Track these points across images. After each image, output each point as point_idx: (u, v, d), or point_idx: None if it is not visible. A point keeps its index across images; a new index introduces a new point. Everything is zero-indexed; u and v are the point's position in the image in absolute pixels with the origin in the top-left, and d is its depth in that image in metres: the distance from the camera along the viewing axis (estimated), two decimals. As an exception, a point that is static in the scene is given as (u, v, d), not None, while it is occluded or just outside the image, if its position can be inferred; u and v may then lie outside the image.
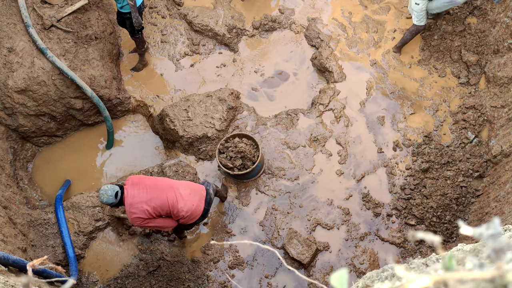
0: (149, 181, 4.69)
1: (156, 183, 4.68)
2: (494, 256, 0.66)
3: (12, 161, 5.73)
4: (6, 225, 4.73)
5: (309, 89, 6.49)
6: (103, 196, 4.53)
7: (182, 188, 4.71)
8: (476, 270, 0.67)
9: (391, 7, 6.81)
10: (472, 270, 0.68)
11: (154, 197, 4.56)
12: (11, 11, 5.62)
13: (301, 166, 5.86)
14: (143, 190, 4.59)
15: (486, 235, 0.69)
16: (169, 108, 6.02)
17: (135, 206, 4.53)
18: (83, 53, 5.87)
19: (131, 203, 4.54)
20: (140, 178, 4.73)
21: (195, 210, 4.71)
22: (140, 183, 4.65)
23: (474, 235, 0.73)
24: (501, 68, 5.71)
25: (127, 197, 4.57)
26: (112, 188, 4.56)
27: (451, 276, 0.68)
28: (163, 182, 4.72)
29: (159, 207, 4.58)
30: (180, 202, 4.61)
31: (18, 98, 5.58)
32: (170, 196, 4.60)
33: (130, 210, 4.55)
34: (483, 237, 0.70)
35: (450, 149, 5.79)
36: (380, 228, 5.56)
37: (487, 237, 0.69)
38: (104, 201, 4.54)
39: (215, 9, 6.88)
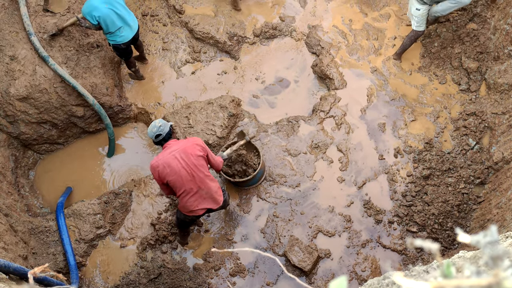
0: (193, 160, 4.47)
1: (193, 169, 4.48)
2: (491, 263, 0.66)
3: (14, 169, 5.74)
4: (7, 232, 4.73)
5: (310, 96, 6.51)
6: (150, 127, 4.49)
7: (206, 191, 4.62)
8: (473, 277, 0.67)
9: (391, 15, 6.83)
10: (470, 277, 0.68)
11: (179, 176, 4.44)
12: (13, 20, 5.66)
13: (302, 173, 5.86)
14: (182, 165, 4.43)
15: (483, 242, 0.69)
16: (170, 115, 6.04)
17: (161, 163, 4.41)
18: (84, 60, 5.90)
19: (162, 159, 4.41)
20: (193, 149, 4.51)
21: (192, 210, 4.70)
22: (189, 156, 4.45)
23: (472, 242, 0.73)
24: (502, 75, 5.72)
25: (169, 149, 4.45)
26: (159, 128, 4.46)
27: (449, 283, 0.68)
28: (197, 176, 4.53)
29: (170, 182, 4.48)
30: (188, 197, 4.59)
31: (20, 106, 5.60)
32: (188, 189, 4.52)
33: (157, 159, 4.43)
34: (481, 244, 0.70)
35: (451, 156, 5.79)
36: (381, 235, 5.55)
37: (484, 245, 0.69)
38: (148, 130, 4.53)
39: (216, 17, 6.91)
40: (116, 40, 5.66)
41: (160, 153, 4.52)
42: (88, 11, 5.34)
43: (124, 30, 5.63)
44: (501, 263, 0.63)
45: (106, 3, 5.37)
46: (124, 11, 5.58)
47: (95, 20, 5.38)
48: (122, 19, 5.55)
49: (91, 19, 5.37)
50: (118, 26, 5.54)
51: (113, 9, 5.44)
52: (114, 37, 5.63)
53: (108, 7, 5.38)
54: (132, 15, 5.74)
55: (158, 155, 4.51)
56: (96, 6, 5.31)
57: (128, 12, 5.68)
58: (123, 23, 5.58)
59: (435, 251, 0.77)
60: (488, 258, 0.67)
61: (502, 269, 0.64)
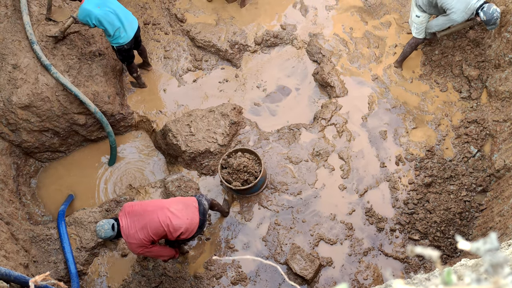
0: (139, 207, 4.67)
1: (145, 208, 4.66)
2: (491, 270, 0.66)
3: (15, 177, 5.75)
4: (8, 241, 4.73)
5: (311, 104, 6.52)
6: (101, 232, 4.51)
7: (173, 205, 4.70)
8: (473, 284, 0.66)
9: (392, 23, 6.86)
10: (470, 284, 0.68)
11: (147, 223, 4.56)
12: (16, 28, 5.69)
13: (304, 180, 5.85)
14: (135, 218, 4.59)
15: (483, 250, 0.69)
16: (172, 123, 6.05)
17: (132, 236, 4.55)
18: (86, 69, 5.93)
19: (128, 234, 4.55)
20: (131, 205, 4.71)
21: (191, 223, 4.70)
22: (132, 211, 4.64)
23: (472, 250, 0.73)
24: (503, 83, 5.73)
25: (123, 228, 4.58)
26: (107, 222, 4.55)
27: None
28: (153, 204, 4.71)
29: (153, 232, 4.56)
30: (174, 220, 4.60)
31: (22, 114, 5.62)
32: (161, 217, 4.58)
33: (128, 241, 4.57)
34: (481, 252, 0.70)
35: (453, 164, 5.78)
36: (383, 243, 5.53)
37: (484, 252, 0.69)
38: (103, 236, 4.53)
39: (217, 26, 6.95)
40: (119, 42, 5.70)
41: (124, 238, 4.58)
42: (83, 17, 5.41)
43: (123, 30, 5.64)
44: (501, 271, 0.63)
45: (98, 5, 5.41)
46: (119, 10, 5.59)
47: (92, 24, 5.45)
48: (118, 18, 5.57)
49: (89, 23, 5.42)
50: (117, 26, 5.57)
51: (107, 9, 5.47)
52: (116, 39, 5.67)
53: (100, 9, 5.41)
54: (129, 13, 5.75)
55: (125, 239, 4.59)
56: (89, 10, 5.36)
57: (124, 10, 5.69)
58: (120, 23, 5.59)
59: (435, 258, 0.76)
60: (488, 266, 0.67)
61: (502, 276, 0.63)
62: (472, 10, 5.44)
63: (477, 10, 5.41)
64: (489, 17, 5.34)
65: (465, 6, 5.42)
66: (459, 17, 5.51)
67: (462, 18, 5.53)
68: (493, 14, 5.33)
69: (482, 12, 5.36)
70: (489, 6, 5.34)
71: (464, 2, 5.41)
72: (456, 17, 5.52)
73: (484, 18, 5.36)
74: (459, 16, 5.49)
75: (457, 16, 5.50)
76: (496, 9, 5.34)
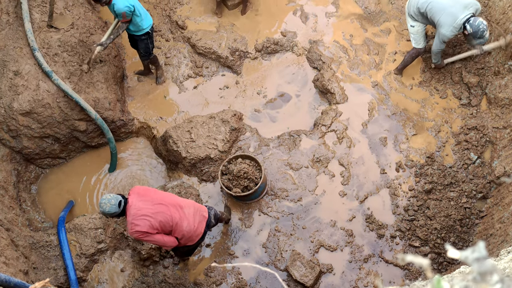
0: (155, 194, 4.56)
1: (162, 198, 4.55)
2: (479, 278, 0.67)
3: (16, 183, 5.76)
4: (8, 247, 4.73)
5: (311, 111, 6.53)
6: (106, 206, 4.30)
7: (187, 207, 4.65)
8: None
9: (391, 30, 6.89)
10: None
11: (159, 212, 4.43)
12: (18, 35, 5.73)
13: (304, 187, 5.85)
14: (149, 203, 4.44)
15: (471, 258, 0.70)
16: (172, 129, 6.07)
17: (139, 218, 4.36)
18: (88, 75, 5.95)
19: (135, 215, 4.36)
20: (146, 190, 4.59)
21: (195, 231, 4.68)
22: (146, 195, 4.50)
23: (461, 258, 0.74)
24: (502, 90, 5.74)
25: (131, 207, 4.39)
26: (115, 197, 4.36)
27: (441, 298, 0.69)
28: (169, 199, 4.61)
29: (162, 224, 4.45)
30: (184, 221, 4.56)
31: (23, 121, 5.64)
32: (175, 215, 4.51)
33: (133, 222, 4.36)
34: (469, 260, 0.71)
35: (453, 170, 5.78)
36: (384, 249, 5.51)
37: (472, 261, 0.69)
38: (106, 211, 4.33)
39: (218, 32, 6.98)
40: (149, 22, 5.97)
41: (129, 217, 4.40)
42: (125, 5, 5.53)
43: (146, 14, 5.98)
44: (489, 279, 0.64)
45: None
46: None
47: (132, 8, 5.62)
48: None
49: (129, 9, 5.59)
50: (142, 10, 5.88)
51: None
52: (146, 21, 5.92)
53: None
54: None
55: (128, 218, 4.41)
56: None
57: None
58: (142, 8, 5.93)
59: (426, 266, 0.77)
60: (476, 274, 0.67)
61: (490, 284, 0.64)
62: (460, 24, 5.48)
63: (464, 23, 5.45)
64: (475, 29, 5.38)
65: (452, 20, 5.47)
66: (448, 32, 5.55)
67: (451, 33, 5.57)
68: (478, 26, 5.36)
69: (468, 24, 5.42)
70: (475, 19, 5.41)
71: (451, 16, 5.46)
72: (445, 31, 5.56)
73: (471, 30, 5.41)
74: (447, 30, 5.54)
75: (445, 30, 5.54)
76: (482, 22, 5.37)
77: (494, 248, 4.67)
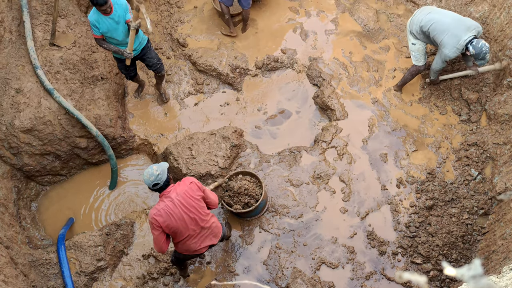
0: (195, 201, 4.40)
1: (195, 210, 4.41)
2: (475, 296, 0.67)
3: (16, 200, 5.75)
4: (8, 265, 4.70)
5: (312, 127, 6.55)
6: (146, 175, 4.24)
7: (208, 230, 4.62)
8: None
9: (390, 47, 6.95)
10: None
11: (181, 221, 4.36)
12: (20, 53, 5.78)
13: (305, 203, 5.83)
14: (181, 207, 4.33)
15: (467, 276, 0.69)
16: (173, 146, 6.08)
17: (164, 211, 4.27)
18: (89, 93, 5.99)
19: (164, 209, 4.27)
20: (191, 189, 4.40)
21: (195, 251, 4.69)
22: (187, 196, 4.36)
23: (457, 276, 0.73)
24: (502, 106, 5.76)
25: (167, 199, 4.30)
26: (157, 176, 4.21)
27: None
28: (199, 219, 4.48)
29: (173, 231, 4.39)
30: (191, 240, 4.56)
31: (24, 138, 5.66)
32: (191, 235, 4.50)
33: (159, 208, 4.27)
34: (465, 278, 0.70)
35: (454, 186, 5.77)
36: (386, 267, 5.47)
37: (468, 278, 0.69)
38: (144, 178, 4.27)
39: (218, 50, 7.04)
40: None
41: (159, 202, 4.34)
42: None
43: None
44: (486, 297, 0.64)
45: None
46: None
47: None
48: None
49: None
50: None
51: None
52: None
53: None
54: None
55: (158, 204, 4.33)
56: None
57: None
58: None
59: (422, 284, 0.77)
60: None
61: (488, 302, 0.64)
62: (463, 45, 5.54)
63: (466, 44, 5.51)
64: (478, 51, 5.43)
65: (456, 41, 5.52)
66: (451, 52, 5.60)
67: (454, 54, 5.62)
68: (481, 48, 5.41)
69: (471, 46, 5.46)
70: (478, 41, 5.45)
71: (455, 37, 5.51)
72: (447, 52, 5.61)
73: (473, 52, 5.46)
74: (450, 51, 5.59)
75: (448, 51, 5.59)
76: (484, 44, 5.43)
77: (497, 265, 4.63)
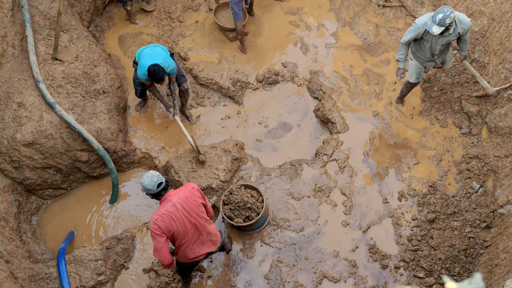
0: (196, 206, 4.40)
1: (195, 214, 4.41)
2: (477, 310, 0.66)
3: (16, 214, 5.73)
4: (8, 280, 4.67)
5: (313, 140, 6.55)
6: (147, 179, 4.22)
7: (206, 235, 4.60)
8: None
9: (390, 60, 6.99)
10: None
11: (183, 225, 4.35)
12: (23, 68, 5.82)
13: (306, 217, 5.81)
14: (183, 211, 4.32)
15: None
16: (174, 159, 6.08)
17: (166, 215, 4.25)
18: (91, 106, 6.01)
19: (167, 212, 4.25)
20: (191, 195, 4.41)
21: (193, 258, 4.67)
22: (188, 200, 4.36)
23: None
24: (502, 119, 5.77)
25: (168, 203, 4.29)
26: (158, 177, 4.23)
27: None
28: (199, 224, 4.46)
29: (174, 235, 4.37)
30: (190, 246, 4.55)
31: (26, 151, 5.67)
32: (191, 239, 4.48)
33: (160, 213, 4.25)
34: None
35: (455, 199, 5.75)
36: (388, 280, 5.43)
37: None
38: (144, 184, 4.24)
39: (219, 64, 7.08)
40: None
41: (160, 207, 4.33)
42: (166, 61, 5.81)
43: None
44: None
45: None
46: None
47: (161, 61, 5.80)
48: None
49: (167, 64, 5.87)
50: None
51: None
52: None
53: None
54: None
55: (159, 209, 4.32)
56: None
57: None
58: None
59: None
60: (474, 305, 0.66)
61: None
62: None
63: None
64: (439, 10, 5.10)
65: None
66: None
67: None
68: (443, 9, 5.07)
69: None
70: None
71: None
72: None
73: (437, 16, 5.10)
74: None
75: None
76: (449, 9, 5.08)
77: (500, 278, 4.59)
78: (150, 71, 5.63)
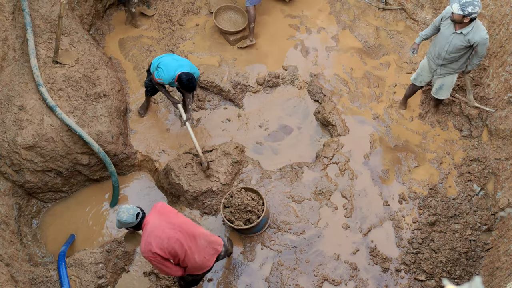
0: (175, 218, 4.40)
1: (181, 224, 4.39)
2: (478, 314, 0.66)
3: (17, 217, 5.73)
4: (8, 283, 4.67)
5: (313, 143, 6.56)
6: (123, 214, 4.21)
7: (200, 238, 4.52)
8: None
9: (391, 63, 6.99)
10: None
11: (175, 239, 4.28)
12: (23, 71, 5.84)
13: (307, 219, 5.81)
14: (167, 225, 4.29)
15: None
16: (174, 162, 6.08)
17: (154, 239, 4.22)
18: (91, 110, 6.02)
19: (150, 233, 4.22)
20: (167, 210, 4.43)
21: (205, 263, 4.60)
22: (166, 215, 4.36)
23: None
24: (503, 121, 5.77)
25: (148, 224, 4.26)
26: (133, 208, 4.27)
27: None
28: (187, 226, 4.42)
29: (174, 251, 4.32)
30: (195, 254, 4.45)
31: (26, 155, 5.67)
32: (188, 245, 4.37)
33: (148, 240, 4.22)
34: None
35: (456, 202, 5.74)
36: (389, 284, 5.42)
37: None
38: (123, 220, 4.22)
39: (220, 67, 7.09)
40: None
41: (144, 234, 4.28)
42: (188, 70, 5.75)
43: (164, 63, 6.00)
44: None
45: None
46: None
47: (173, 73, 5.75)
48: None
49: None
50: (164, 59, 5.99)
51: None
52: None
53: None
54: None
55: (143, 236, 4.27)
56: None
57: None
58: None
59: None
60: (474, 309, 0.66)
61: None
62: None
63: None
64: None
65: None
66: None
67: None
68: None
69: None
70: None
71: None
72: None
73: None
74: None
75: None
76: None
77: (501, 281, 4.59)
78: (183, 80, 5.56)
